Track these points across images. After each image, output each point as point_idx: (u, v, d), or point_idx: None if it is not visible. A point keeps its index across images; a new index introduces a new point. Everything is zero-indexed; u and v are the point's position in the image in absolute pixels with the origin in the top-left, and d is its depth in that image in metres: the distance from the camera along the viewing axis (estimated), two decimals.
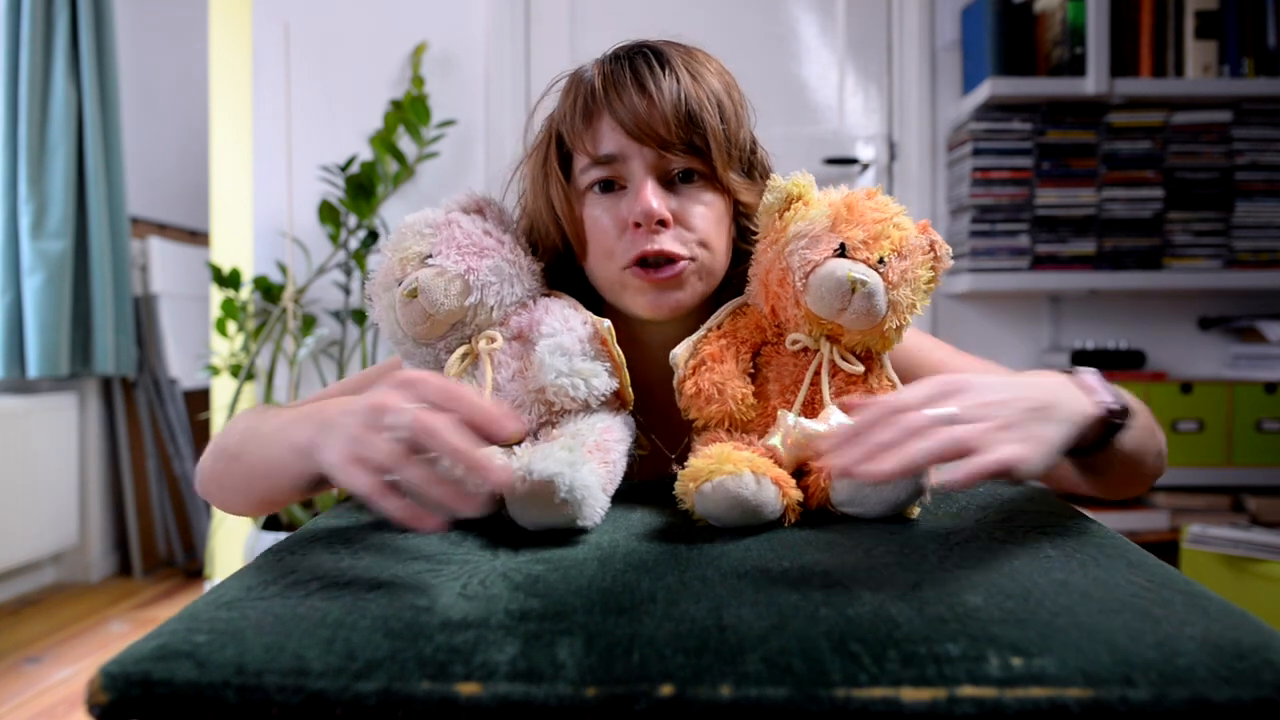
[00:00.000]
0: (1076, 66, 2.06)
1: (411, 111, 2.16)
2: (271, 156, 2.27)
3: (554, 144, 0.82)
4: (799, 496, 0.66)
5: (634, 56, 0.79)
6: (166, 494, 2.85)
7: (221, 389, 2.34)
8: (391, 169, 2.20)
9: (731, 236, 0.83)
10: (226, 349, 2.28)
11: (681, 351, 0.75)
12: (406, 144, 2.24)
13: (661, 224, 0.76)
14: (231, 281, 2.20)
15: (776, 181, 0.76)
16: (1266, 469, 2.02)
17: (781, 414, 0.71)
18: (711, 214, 0.79)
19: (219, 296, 2.25)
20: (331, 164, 2.18)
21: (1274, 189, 2.11)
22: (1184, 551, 1.86)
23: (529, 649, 0.43)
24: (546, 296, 0.80)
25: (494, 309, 0.76)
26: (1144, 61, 2.08)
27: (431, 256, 0.74)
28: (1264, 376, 2.07)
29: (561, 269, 0.84)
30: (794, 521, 0.66)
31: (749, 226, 0.82)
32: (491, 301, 0.75)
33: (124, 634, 2.25)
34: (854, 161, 2.31)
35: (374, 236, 2.18)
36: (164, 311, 2.84)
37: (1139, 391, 2.06)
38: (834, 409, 0.70)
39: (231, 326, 2.24)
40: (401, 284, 0.73)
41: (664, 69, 0.77)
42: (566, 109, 0.80)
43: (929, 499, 0.72)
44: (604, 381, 0.73)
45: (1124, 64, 2.07)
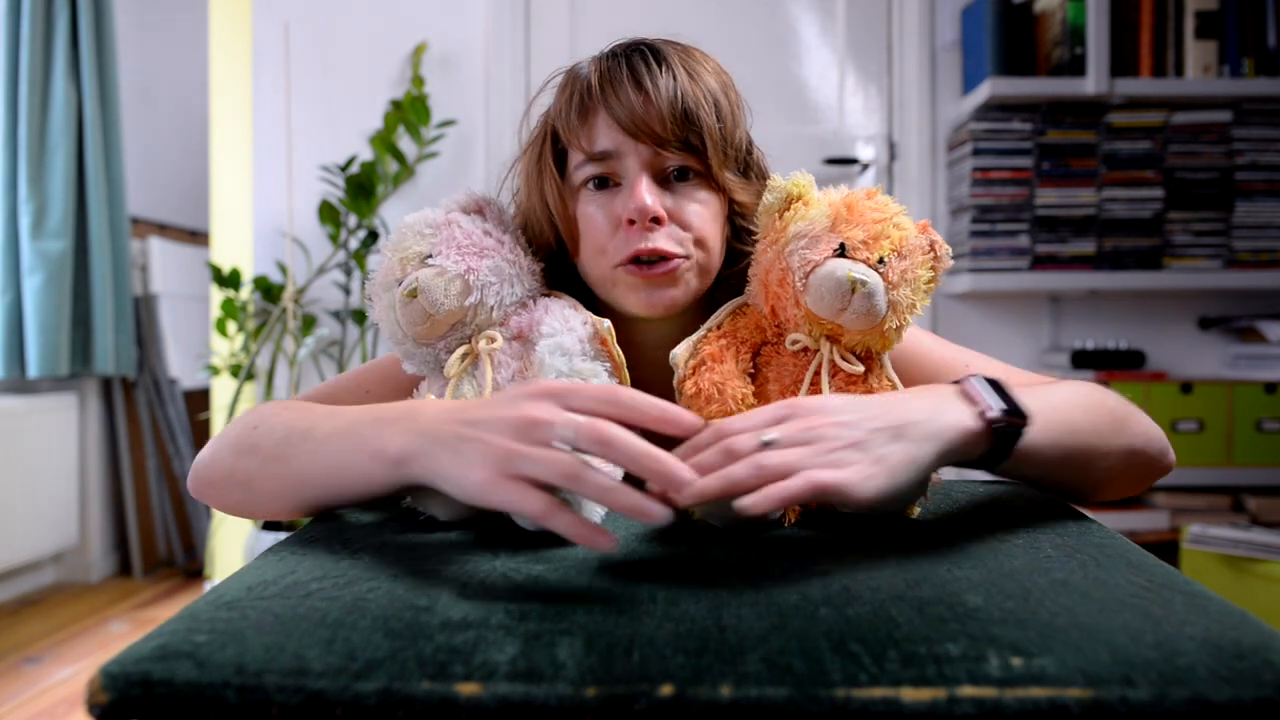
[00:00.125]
0: (1076, 66, 2.06)
1: (411, 111, 2.16)
2: (271, 156, 2.27)
3: (549, 140, 0.82)
4: None
5: (631, 54, 0.78)
6: (166, 494, 2.85)
7: (221, 389, 2.34)
8: (391, 169, 2.20)
9: (726, 236, 0.82)
10: (226, 349, 2.28)
11: (681, 351, 0.75)
12: (406, 144, 2.24)
13: (656, 221, 0.75)
14: (231, 281, 2.20)
15: (776, 181, 0.76)
16: (1266, 469, 2.03)
17: None
18: (706, 212, 0.78)
19: (219, 296, 2.25)
20: (331, 164, 2.18)
21: (1274, 189, 2.11)
22: (1184, 551, 1.86)
23: (529, 649, 0.43)
24: (546, 296, 0.80)
25: (494, 309, 0.75)
26: (1144, 61, 2.08)
27: (431, 256, 0.74)
28: (1264, 376, 2.07)
29: (559, 268, 0.84)
30: (794, 521, 0.66)
31: (744, 226, 0.82)
32: (492, 302, 0.75)
33: (124, 634, 2.25)
34: (854, 161, 2.31)
35: (374, 236, 2.18)
36: (164, 311, 2.84)
37: (1139, 391, 2.09)
38: None
39: (231, 326, 2.24)
40: (401, 284, 0.73)
41: (661, 66, 0.76)
42: (562, 105, 0.80)
43: (929, 499, 0.72)
44: (604, 382, 0.73)
45: (1124, 64, 2.08)
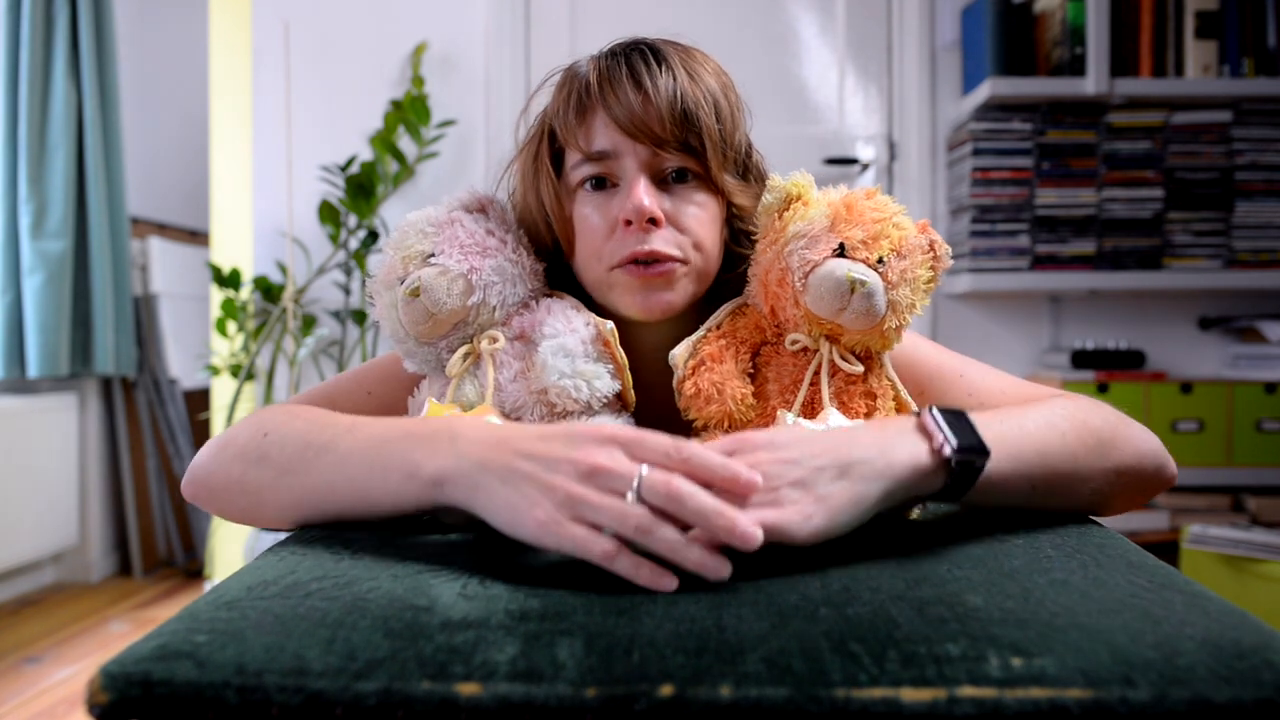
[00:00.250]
0: (1076, 66, 2.06)
1: (411, 111, 2.16)
2: (271, 156, 2.27)
3: (546, 139, 0.81)
4: None
5: (630, 53, 0.77)
6: (166, 494, 2.85)
7: (221, 389, 2.34)
8: (391, 169, 2.20)
9: (724, 239, 0.81)
10: (226, 349, 2.28)
11: (681, 352, 0.75)
12: (406, 144, 2.24)
13: (653, 223, 0.74)
14: (231, 281, 2.20)
15: (775, 181, 0.76)
16: (1266, 469, 2.03)
17: (781, 414, 0.71)
18: (704, 215, 0.78)
19: (219, 296, 2.25)
20: (331, 164, 2.18)
21: (1274, 189, 2.11)
22: (1184, 551, 1.86)
23: (529, 649, 0.43)
24: (549, 297, 0.80)
25: (496, 309, 0.75)
26: (1144, 61, 2.08)
27: (434, 255, 0.74)
28: (1264, 376, 2.07)
29: (561, 268, 0.84)
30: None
31: (742, 229, 0.81)
32: (494, 301, 0.75)
33: (124, 634, 2.25)
34: (854, 161, 2.31)
35: (374, 236, 2.18)
36: (164, 311, 2.84)
37: (1139, 391, 2.09)
38: (832, 410, 0.70)
39: (231, 326, 2.24)
40: (404, 283, 0.73)
41: (661, 66, 0.76)
42: (560, 104, 0.79)
43: (926, 507, 0.71)
44: (606, 383, 0.73)
45: (1124, 64, 2.08)
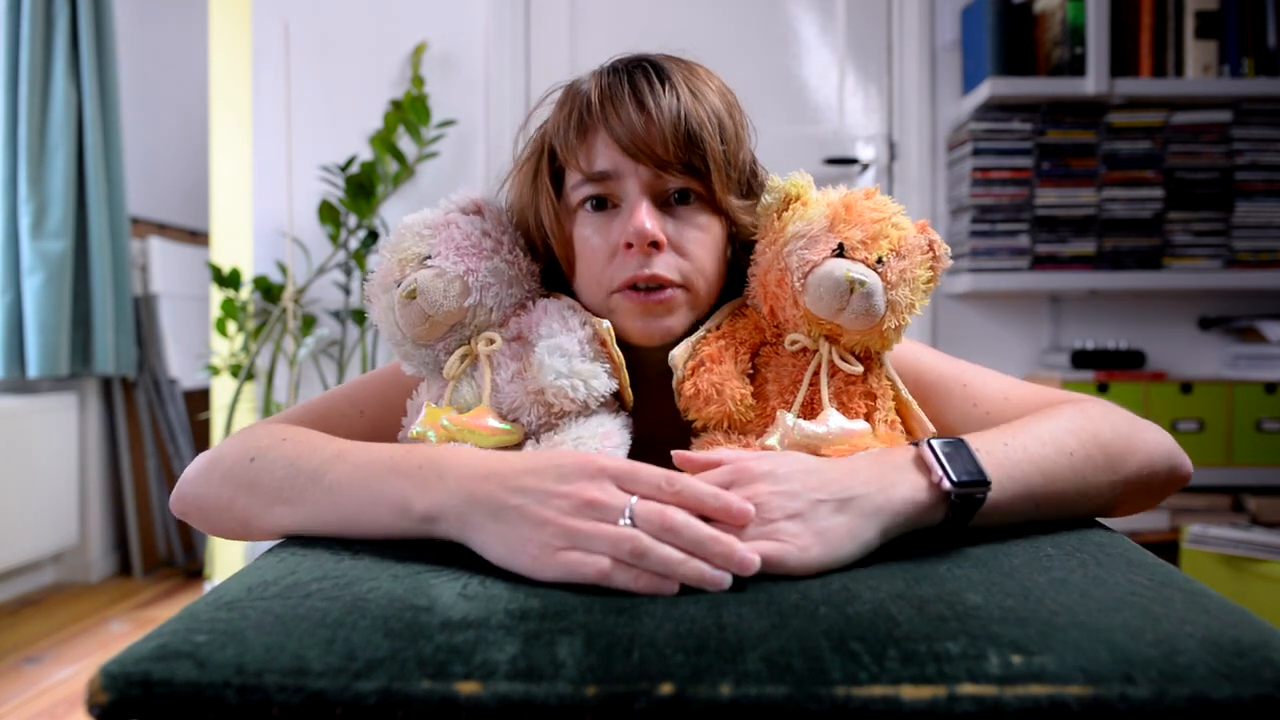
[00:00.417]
0: (1076, 66, 2.06)
1: (411, 111, 2.16)
2: (271, 156, 2.27)
3: (546, 158, 0.79)
4: None
5: (633, 70, 0.75)
6: (166, 494, 2.85)
7: (221, 389, 2.34)
8: (391, 169, 2.20)
9: (727, 260, 0.79)
10: (226, 349, 2.28)
11: (680, 352, 0.75)
12: (406, 144, 2.24)
13: (655, 246, 0.73)
14: (231, 281, 2.20)
15: (775, 182, 0.76)
16: (1266, 469, 2.03)
17: (780, 415, 0.70)
18: (707, 238, 0.76)
19: (219, 296, 2.25)
20: (331, 164, 2.18)
21: (1274, 189, 2.11)
22: (1184, 551, 1.86)
23: (529, 648, 0.43)
24: (545, 298, 0.80)
25: (493, 310, 0.75)
26: (1144, 61, 2.08)
27: (430, 258, 0.74)
28: (1264, 376, 2.07)
29: (558, 270, 0.83)
30: None
31: (747, 245, 0.79)
32: (491, 303, 0.75)
33: (124, 634, 2.25)
34: (854, 161, 2.31)
35: (374, 236, 2.18)
36: (164, 311, 2.84)
37: (1139, 391, 2.09)
38: (832, 410, 0.70)
39: (231, 326, 2.24)
40: (400, 285, 0.73)
41: (664, 85, 0.74)
42: (560, 122, 0.77)
43: None
44: (603, 383, 0.73)
45: (1124, 64, 2.08)
